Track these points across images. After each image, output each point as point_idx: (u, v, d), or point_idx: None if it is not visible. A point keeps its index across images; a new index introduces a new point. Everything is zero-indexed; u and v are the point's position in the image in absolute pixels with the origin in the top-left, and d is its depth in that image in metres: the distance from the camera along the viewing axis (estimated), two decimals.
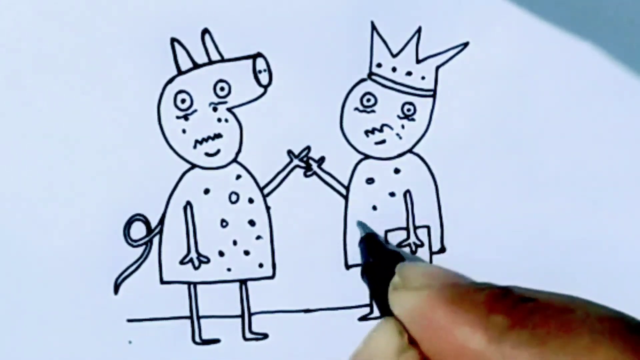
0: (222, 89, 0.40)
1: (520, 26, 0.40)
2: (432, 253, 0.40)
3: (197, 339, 0.40)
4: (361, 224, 0.40)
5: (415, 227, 0.40)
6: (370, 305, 0.40)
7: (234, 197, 0.40)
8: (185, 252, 0.40)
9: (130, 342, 0.40)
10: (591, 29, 0.40)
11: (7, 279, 0.39)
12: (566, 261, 0.41)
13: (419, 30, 0.40)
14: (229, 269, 0.40)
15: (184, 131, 0.40)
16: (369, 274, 0.37)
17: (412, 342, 0.28)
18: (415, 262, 0.37)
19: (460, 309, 0.26)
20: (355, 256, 0.40)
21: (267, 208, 0.40)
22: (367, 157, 0.40)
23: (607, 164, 0.41)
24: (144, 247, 0.40)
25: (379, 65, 0.40)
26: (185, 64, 0.40)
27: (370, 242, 0.39)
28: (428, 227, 0.40)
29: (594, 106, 0.41)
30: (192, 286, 0.40)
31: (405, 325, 0.28)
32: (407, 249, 0.40)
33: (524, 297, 0.25)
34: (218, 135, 0.40)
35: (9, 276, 0.39)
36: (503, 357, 0.24)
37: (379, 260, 0.36)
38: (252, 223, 0.40)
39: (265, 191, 0.40)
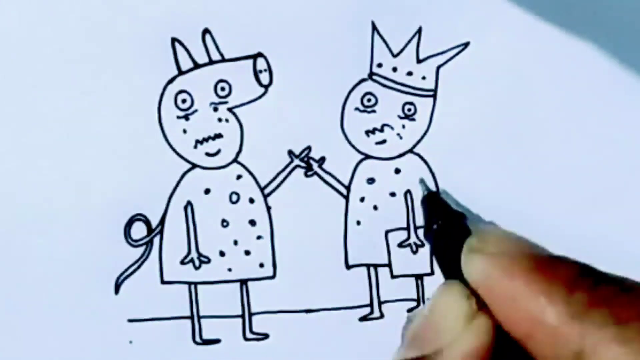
0: (222, 88, 0.40)
1: (520, 26, 0.40)
2: (432, 253, 0.40)
3: (198, 339, 0.40)
4: (422, 182, 0.39)
5: (416, 227, 0.40)
6: (370, 306, 0.40)
7: (234, 197, 0.40)
8: (185, 252, 0.40)
9: (131, 342, 0.40)
10: (591, 29, 0.40)
11: (8, 279, 0.39)
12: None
13: (419, 30, 0.40)
14: (229, 269, 0.40)
15: (184, 131, 0.40)
16: (434, 234, 0.35)
17: (480, 308, 0.28)
18: (492, 226, 0.36)
19: (542, 280, 0.25)
20: (356, 256, 0.40)
21: (268, 208, 0.40)
22: (367, 157, 0.40)
23: (607, 162, 0.41)
24: (144, 247, 0.40)
25: (379, 65, 0.40)
26: (186, 63, 0.40)
27: (434, 202, 0.37)
28: None
29: (594, 105, 0.41)
30: (192, 286, 0.40)
31: (478, 289, 0.27)
32: (407, 250, 0.40)
33: (607, 277, 0.24)
34: (219, 135, 0.40)
35: (10, 276, 0.39)
36: (582, 335, 0.23)
37: (444, 221, 0.34)
38: (252, 223, 0.40)
39: (266, 191, 0.40)
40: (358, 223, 0.40)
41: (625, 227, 0.41)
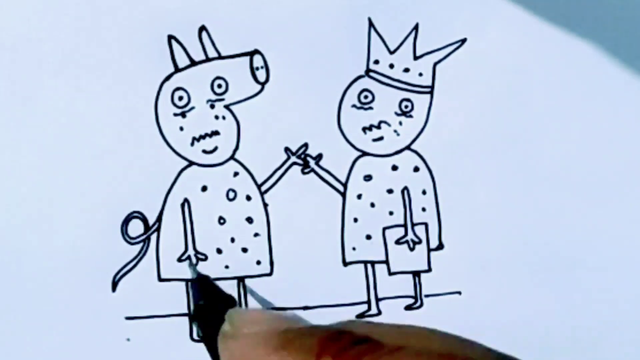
0: (219, 86, 0.40)
1: (517, 23, 0.40)
2: (429, 250, 0.40)
3: (195, 337, 0.40)
4: (192, 266, 0.39)
5: (413, 224, 0.40)
6: (368, 303, 0.40)
7: (231, 195, 0.40)
8: (183, 249, 0.40)
9: (128, 339, 0.40)
10: (588, 26, 0.40)
11: (4, 277, 0.39)
12: (564, 257, 0.41)
13: (416, 27, 0.40)
14: (226, 266, 0.40)
15: (181, 128, 0.40)
16: (199, 318, 0.35)
17: None
18: (244, 308, 0.37)
19: (290, 354, 0.25)
20: (353, 253, 0.40)
21: (265, 205, 0.40)
22: (364, 154, 0.40)
23: (605, 160, 0.41)
24: (141, 244, 0.40)
25: (376, 62, 0.40)
26: (183, 61, 0.39)
27: (203, 285, 0.37)
28: (426, 224, 0.40)
29: (591, 102, 0.41)
30: (190, 283, 0.40)
31: None
32: (404, 247, 0.40)
33: (359, 338, 0.25)
34: (215, 133, 0.40)
35: (7, 274, 0.39)
36: None
37: (210, 304, 0.35)
38: (249, 220, 0.40)
39: (263, 188, 0.40)
40: (355, 220, 0.40)
41: (623, 223, 0.41)
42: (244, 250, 0.40)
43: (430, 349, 0.24)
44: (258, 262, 0.40)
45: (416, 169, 0.40)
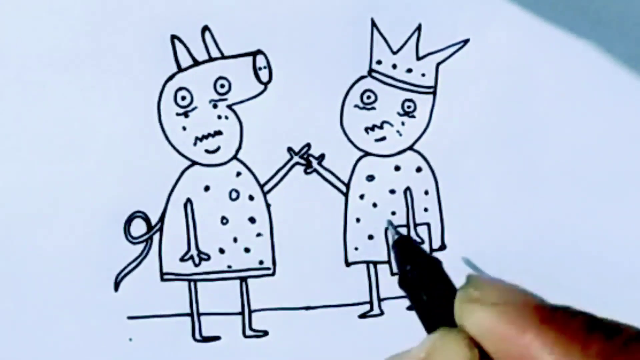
0: (222, 86, 0.40)
1: (520, 23, 0.40)
2: (432, 250, 0.40)
3: (198, 336, 0.40)
4: (391, 224, 0.38)
5: (416, 225, 0.40)
6: (370, 303, 0.40)
7: (234, 195, 0.40)
8: (185, 249, 0.40)
9: (130, 339, 0.40)
10: (590, 26, 0.40)
11: (7, 276, 0.39)
12: (567, 258, 0.41)
13: (419, 27, 0.40)
14: (229, 266, 0.40)
15: (184, 128, 0.40)
16: (410, 283, 0.32)
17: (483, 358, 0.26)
18: (487, 276, 0.34)
19: (555, 334, 0.24)
20: (355, 253, 0.40)
21: (268, 205, 0.40)
22: (367, 154, 0.40)
23: (607, 160, 0.41)
24: (144, 244, 0.40)
25: (379, 62, 0.40)
26: (186, 61, 0.39)
27: (406, 248, 0.34)
28: (428, 224, 0.40)
29: (593, 103, 0.41)
30: (192, 283, 0.40)
31: (482, 342, 0.26)
32: None
33: (616, 327, 0.24)
34: (218, 132, 0.40)
35: (10, 273, 0.39)
36: None
37: (420, 269, 0.32)
38: (252, 220, 0.40)
39: (266, 188, 0.40)
40: (358, 220, 0.40)
41: (625, 224, 0.41)
42: (247, 250, 0.40)
43: None
44: (260, 262, 0.40)
45: (419, 169, 0.40)
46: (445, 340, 0.27)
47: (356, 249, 0.40)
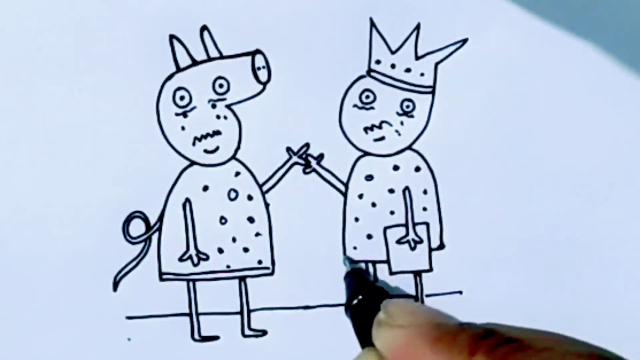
0: (221, 85, 0.40)
1: (518, 23, 0.40)
2: (431, 249, 0.40)
3: (196, 336, 0.40)
4: (348, 259, 0.40)
5: (415, 224, 0.40)
6: None
7: (232, 194, 0.40)
8: (184, 249, 0.40)
9: (129, 339, 0.40)
10: (589, 26, 0.40)
11: (6, 276, 0.39)
12: (565, 257, 0.41)
13: (417, 27, 0.40)
14: (228, 266, 0.40)
15: (182, 128, 0.40)
16: (353, 309, 0.37)
17: None
18: (400, 300, 0.38)
19: (444, 348, 0.26)
20: (354, 253, 0.40)
21: (266, 205, 0.40)
22: (366, 153, 0.40)
23: (606, 160, 0.41)
24: (142, 244, 0.40)
25: (377, 61, 0.40)
26: (184, 61, 0.39)
27: (356, 277, 0.39)
28: (427, 224, 0.40)
29: (593, 103, 0.41)
30: (191, 283, 0.40)
31: (388, 358, 0.29)
32: (406, 246, 0.41)
33: (507, 337, 0.25)
34: (217, 132, 0.40)
35: (9, 273, 0.39)
36: None
37: (364, 296, 0.37)
38: (251, 220, 0.40)
39: (264, 188, 0.40)
40: (356, 220, 0.40)
41: (623, 224, 0.41)
42: (246, 250, 0.40)
43: (571, 350, 0.24)
44: (259, 262, 0.40)
45: (417, 169, 0.40)
46: (365, 358, 0.30)
47: (355, 248, 0.40)
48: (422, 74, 0.40)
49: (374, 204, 0.40)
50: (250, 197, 0.40)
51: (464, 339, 0.26)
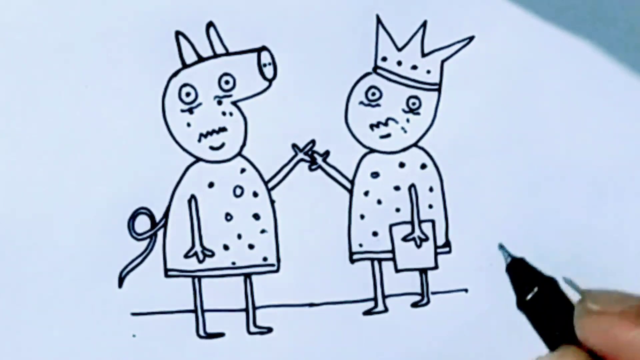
0: (227, 82, 0.40)
1: (525, 21, 0.40)
2: (437, 247, 0.40)
3: (202, 333, 0.40)
4: (503, 248, 0.38)
5: (420, 221, 0.40)
6: (374, 299, 0.40)
7: (238, 191, 0.40)
8: (189, 245, 0.40)
9: (134, 335, 0.40)
10: (594, 25, 0.40)
11: (12, 272, 0.39)
12: (570, 255, 0.41)
13: (424, 24, 0.40)
14: (233, 263, 0.40)
15: (188, 125, 0.40)
16: (529, 303, 0.33)
17: None
18: (600, 289, 0.35)
19: None
20: (359, 250, 0.40)
21: (272, 202, 0.40)
22: (372, 150, 0.40)
23: (611, 159, 0.41)
24: (148, 240, 0.40)
25: (384, 59, 0.40)
26: (190, 57, 0.39)
27: (522, 268, 0.34)
28: (433, 221, 0.40)
29: (598, 100, 0.41)
30: (196, 280, 0.40)
31: (604, 353, 0.28)
32: (411, 244, 0.40)
33: None
34: (223, 129, 0.40)
35: (15, 269, 0.39)
36: None
37: (539, 290, 0.33)
38: (256, 217, 0.40)
39: (270, 185, 0.40)
40: (362, 217, 0.40)
41: (628, 221, 0.41)
42: (251, 246, 0.40)
43: None
44: (265, 259, 0.40)
45: (423, 166, 0.40)
46: (566, 358, 0.28)
47: (360, 245, 0.40)
48: (428, 71, 0.40)
49: (379, 201, 0.40)
50: (255, 194, 0.40)
51: None
